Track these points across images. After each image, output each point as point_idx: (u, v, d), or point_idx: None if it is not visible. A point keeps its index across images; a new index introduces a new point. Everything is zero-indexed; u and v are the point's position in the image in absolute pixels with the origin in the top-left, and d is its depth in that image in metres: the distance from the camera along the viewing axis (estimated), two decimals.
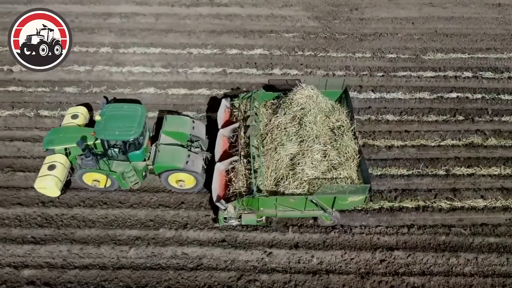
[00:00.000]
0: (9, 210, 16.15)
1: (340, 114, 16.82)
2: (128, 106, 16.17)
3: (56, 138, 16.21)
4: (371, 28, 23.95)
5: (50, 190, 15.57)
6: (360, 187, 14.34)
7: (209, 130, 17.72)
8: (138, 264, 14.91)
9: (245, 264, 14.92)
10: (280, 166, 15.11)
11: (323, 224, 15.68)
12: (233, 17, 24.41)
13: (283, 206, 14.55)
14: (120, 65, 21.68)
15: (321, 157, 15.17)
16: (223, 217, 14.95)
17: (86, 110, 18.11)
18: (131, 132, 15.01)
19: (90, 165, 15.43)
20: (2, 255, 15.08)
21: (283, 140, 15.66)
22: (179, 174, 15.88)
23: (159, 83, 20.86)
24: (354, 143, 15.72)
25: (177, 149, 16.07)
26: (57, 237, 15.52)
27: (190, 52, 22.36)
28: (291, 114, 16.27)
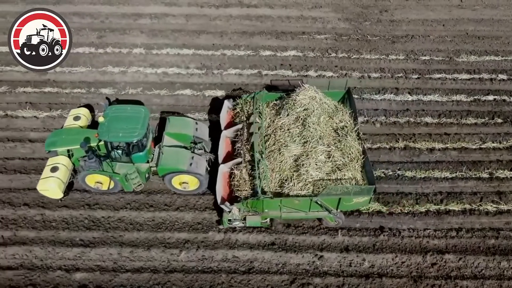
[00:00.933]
0: (55, 213, 16.07)
1: (343, 114, 16.79)
2: (131, 107, 16.07)
3: (59, 140, 16.08)
4: (402, 30, 23.92)
5: (52, 192, 15.48)
6: (365, 188, 14.30)
7: (212, 132, 17.63)
8: (189, 267, 14.86)
9: (297, 268, 14.88)
10: (284, 167, 15.08)
11: (328, 225, 15.67)
12: (263, 19, 24.34)
13: (288, 208, 14.50)
14: (155, 66, 21.57)
15: (325, 158, 15.15)
16: (228, 219, 14.91)
17: (88, 112, 17.96)
18: (134, 133, 14.92)
19: (93, 167, 15.32)
20: (52, 258, 15.00)
21: (287, 141, 15.62)
22: (183, 176, 15.79)
23: (195, 85, 20.78)
24: (358, 143, 15.68)
25: (180, 151, 15.98)
26: (106, 240, 15.44)
27: (224, 53, 22.29)
28: (294, 115, 16.22)
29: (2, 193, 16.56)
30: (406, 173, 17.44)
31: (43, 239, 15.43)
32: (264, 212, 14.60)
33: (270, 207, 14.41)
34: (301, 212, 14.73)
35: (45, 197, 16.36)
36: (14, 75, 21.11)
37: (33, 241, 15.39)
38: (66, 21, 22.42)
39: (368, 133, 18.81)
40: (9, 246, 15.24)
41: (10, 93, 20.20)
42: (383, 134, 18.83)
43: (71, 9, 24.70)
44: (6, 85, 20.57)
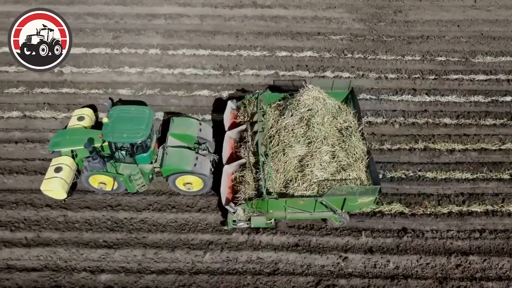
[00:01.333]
0: (78, 214, 16.06)
1: (347, 114, 16.80)
2: (135, 108, 15.98)
3: (63, 140, 16.02)
4: (417, 30, 23.91)
5: (56, 193, 15.44)
6: (370, 188, 14.28)
7: (216, 132, 17.64)
8: (214, 269, 14.85)
9: (322, 269, 14.88)
10: (288, 168, 15.04)
11: (332, 226, 15.68)
12: (278, 19, 24.33)
13: (293, 208, 14.51)
14: (171, 67, 21.54)
15: (330, 158, 15.11)
16: (232, 220, 14.91)
17: (92, 112, 17.88)
18: (139, 134, 14.87)
19: (97, 167, 15.31)
20: (76, 259, 14.99)
21: (291, 141, 15.57)
22: (187, 177, 15.77)
23: (213, 86, 20.75)
24: (362, 143, 15.67)
25: (184, 151, 15.95)
26: (130, 241, 15.43)
27: (240, 54, 22.26)
28: (298, 115, 16.19)
29: (24, 194, 16.53)
30: (427, 174, 17.44)
31: (66, 241, 15.40)
32: (269, 213, 14.61)
33: (275, 207, 14.42)
34: (306, 213, 14.73)
35: (66, 198, 16.31)
36: (31, 75, 21.05)
37: (56, 242, 15.36)
38: (80, 21, 22.65)
39: (387, 134, 18.82)
40: (33, 247, 15.22)
41: (27, 93, 20.16)
42: (402, 135, 18.82)
43: (85, 10, 24.68)
44: (23, 85, 20.51)
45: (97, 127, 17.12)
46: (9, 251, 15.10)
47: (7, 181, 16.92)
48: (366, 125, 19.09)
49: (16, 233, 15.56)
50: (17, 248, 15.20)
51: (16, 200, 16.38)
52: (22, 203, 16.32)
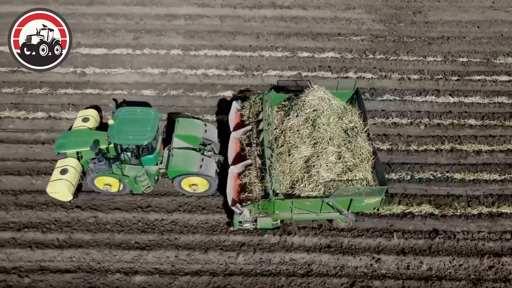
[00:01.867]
0: (108, 215, 16.03)
1: (352, 115, 16.76)
2: (141, 109, 15.91)
3: (68, 142, 15.97)
4: (437, 31, 23.93)
5: (62, 195, 15.43)
6: (376, 189, 14.25)
7: (221, 132, 17.63)
8: (248, 270, 14.84)
9: (355, 270, 14.87)
10: (294, 168, 15.04)
11: (338, 226, 15.67)
12: (298, 20, 24.33)
13: (299, 209, 14.47)
14: (194, 68, 21.52)
15: (336, 159, 15.10)
16: (238, 221, 14.90)
17: (97, 113, 17.89)
18: (145, 136, 14.86)
19: (103, 169, 15.27)
20: (109, 261, 14.96)
21: (297, 142, 15.56)
22: (193, 178, 15.74)
23: (236, 86, 20.73)
24: (368, 144, 15.65)
25: (190, 153, 15.94)
26: (162, 242, 15.42)
27: (262, 54, 22.26)
28: (303, 116, 16.17)
29: None
30: (455, 175, 17.44)
31: (98, 242, 15.37)
32: (275, 214, 14.58)
33: (281, 208, 14.38)
34: (312, 213, 14.70)
35: (96, 199, 16.31)
36: (54, 76, 21.05)
37: (88, 243, 15.34)
38: (100, 22, 22.63)
39: (413, 135, 18.84)
40: (65, 248, 15.20)
41: (51, 94, 20.13)
42: (428, 136, 18.83)
43: (104, 10, 24.64)
44: (47, 86, 20.48)
45: (101, 129, 17.06)
46: (42, 252, 15.08)
47: (36, 182, 16.89)
48: (391, 126, 19.11)
49: (48, 234, 15.53)
50: (50, 249, 15.17)
51: (46, 201, 16.34)
52: (52, 204, 16.29)
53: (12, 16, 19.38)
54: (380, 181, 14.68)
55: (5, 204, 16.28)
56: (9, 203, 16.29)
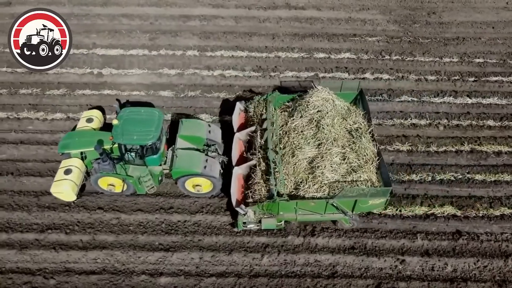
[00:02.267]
0: (131, 217, 16.03)
1: (356, 116, 16.72)
2: (145, 110, 15.95)
3: (72, 142, 15.96)
4: (452, 32, 23.93)
5: (66, 195, 15.41)
6: (381, 190, 14.23)
7: (224, 133, 17.60)
8: (273, 271, 14.83)
9: (380, 272, 14.87)
10: (299, 169, 15.02)
11: (342, 227, 15.66)
12: (313, 21, 24.31)
13: (303, 210, 14.44)
14: (211, 69, 21.50)
15: (340, 160, 15.10)
16: (242, 222, 14.88)
17: (101, 114, 17.85)
18: (149, 136, 14.86)
19: (107, 169, 15.25)
20: (134, 262, 14.95)
21: (301, 143, 15.55)
22: (196, 179, 15.72)
23: (254, 87, 20.71)
24: (372, 145, 15.66)
25: (194, 153, 15.91)
26: (186, 244, 15.42)
27: (278, 55, 22.26)
28: (307, 116, 16.13)
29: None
30: (476, 176, 17.43)
31: (122, 243, 15.37)
32: (279, 215, 14.57)
33: (285, 209, 14.34)
34: (317, 214, 14.68)
35: (119, 200, 16.31)
36: (71, 77, 21.04)
37: (112, 245, 15.33)
38: (115, 22, 22.62)
39: (432, 136, 18.83)
40: (89, 250, 15.19)
41: (69, 95, 20.12)
42: (447, 137, 18.84)
43: (119, 11, 24.62)
44: (64, 87, 20.47)
45: (105, 129, 17.05)
46: (66, 254, 15.07)
47: None
48: (410, 127, 19.11)
49: (72, 236, 15.53)
50: (74, 250, 15.17)
51: (68, 203, 16.28)
52: (75, 205, 16.26)
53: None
54: (385, 182, 14.67)
55: (27, 205, 16.25)
56: (31, 204, 16.28)
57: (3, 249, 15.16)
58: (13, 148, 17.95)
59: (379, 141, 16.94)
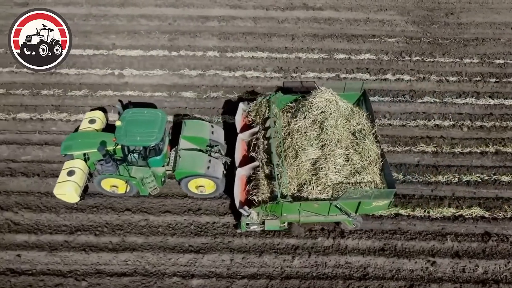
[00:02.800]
0: (159, 218, 16.00)
1: (360, 117, 16.58)
2: (148, 111, 15.81)
3: (75, 143, 15.93)
4: (471, 33, 23.90)
5: (69, 196, 15.38)
6: (385, 192, 14.19)
7: (227, 134, 17.56)
8: (304, 273, 14.82)
9: (411, 274, 14.87)
10: (302, 171, 14.98)
11: (346, 229, 15.65)
12: (331, 21, 24.29)
13: (307, 211, 14.42)
14: (232, 69, 21.47)
15: (344, 161, 15.07)
16: (246, 223, 14.85)
17: (103, 115, 17.80)
18: (152, 137, 14.80)
19: (110, 171, 15.20)
20: (165, 264, 14.94)
21: (304, 144, 15.50)
22: (200, 180, 15.68)
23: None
24: (376, 146, 15.56)
25: (197, 154, 15.88)
26: (216, 246, 15.40)
27: (298, 56, 22.23)
28: (311, 118, 15.99)
29: (103, 198, 16.44)
30: (502, 177, 17.42)
31: (152, 245, 15.36)
32: (283, 216, 14.54)
33: (289, 211, 14.28)
34: (320, 216, 14.66)
35: (146, 201, 16.29)
36: (92, 77, 21.01)
37: (142, 247, 15.31)
38: (134, 23, 22.60)
39: (456, 137, 18.81)
40: (119, 252, 15.16)
41: (91, 96, 20.07)
42: (471, 138, 18.82)
43: (136, 12, 24.57)
44: (86, 88, 20.43)
45: (108, 130, 17.01)
46: (97, 256, 15.05)
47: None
48: (434, 128, 19.10)
49: (101, 238, 15.50)
50: (104, 252, 15.14)
51: (96, 204, 16.31)
52: (102, 207, 16.26)
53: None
54: (389, 183, 14.62)
55: (55, 207, 16.22)
56: (59, 205, 16.22)
57: (33, 251, 15.14)
58: (38, 150, 17.90)
59: (395, 142, 17.56)
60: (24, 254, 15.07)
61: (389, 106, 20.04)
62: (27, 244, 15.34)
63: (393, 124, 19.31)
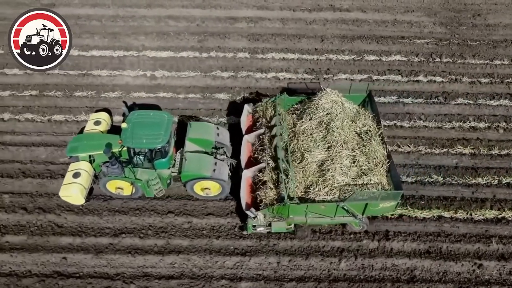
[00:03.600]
0: (203, 221, 15.99)
1: (366, 118, 16.53)
2: (154, 113, 15.85)
3: (80, 145, 15.94)
4: (499, 34, 23.90)
5: (75, 198, 15.35)
6: (392, 193, 14.19)
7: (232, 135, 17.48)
8: (351, 276, 14.82)
9: (458, 276, 14.87)
10: (308, 172, 14.94)
11: (352, 230, 15.61)
12: (359, 23, 24.26)
13: (313, 213, 14.40)
14: (263, 71, 21.43)
15: (350, 163, 15.04)
16: (252, 225, 14.81)
17: (109, 116, 17.80)
18: (158, 140, 14.77)
19: (116, 173, 15.16)
20: (211, 267, 14.93)
21: (310, 146, 15.47)
22: (205, 182, 15.65)
23: (309, 90, 20.58)
24: (382, 147, 15.52)
25: (203, 157, 15.85)
26: (261, 248, 15.38)
27: (329, 58, 22.20)
28: (317, 119, 16.01)
29: (145, 200, 16.40)
30: None
31: (197, 248, 15.33)
32: (289, 218, 14.52)
33: (295, 212, 14.26)
34: (327, 218, 14.64)
35: (188, 204, 16.25)
36: (124, 79, 20.97)
37: (188, 249, 15.30)
38: (162, 24, 22.55)
39: (493, 139, 18.82)
40: (165, 254, 15.12)
41: (125, 98, 20.02)
42: (508, 140, 18.81)
43: (163, 13, 24.52)
44: (119, 89, 20.40)
45: (113, 132, 16.95)
46: (143, 259, 15.01)
47: None
48: (470, 130, 19.10)
49: (146, 240, 15.45)
50: (150, 255, 15.11)
51: (138, 207, 16.26)
52: (145, 209, 16.21)
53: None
54: (396, 185, 14.59)
55: (97, 209, 16.16)
56: (101, 208, 16.19)
57: (79, 254, 15.11)
58: None
59: (431, 143, 17.84)
60: (70, 256, 15.04)
61: (423, 108, 20.01)
62: (72, 247, 15.31)
63: (428, 126, 19.28)
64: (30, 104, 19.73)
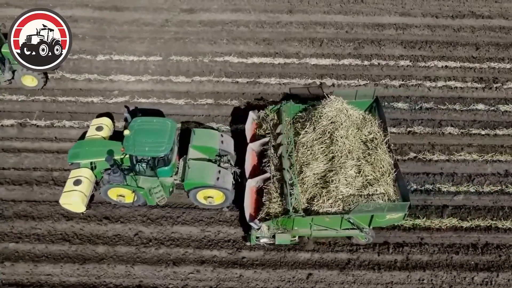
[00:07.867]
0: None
1: (372, 125, 16.17)
2: (157, 120, 15.72)
3: (82, 152, 15.73)
4: None
5: (75, 206, 15.20)
6: (398, 205, 13.91)
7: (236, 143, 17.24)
8: None
9: None
10: (312, 183, 14.72)
11: (358, 243, 15.29)
12: (507, 30, 23.97)
13: (318, 226, 14.16)
14: (432, 80, 21.34)
15: (355, 173, 14.63)
16: (255, 236, 14.58)
17: (111, 122, 17.63)
18: (161, 148, 14.55)
19: (117, 180, 14.92)
20: (461, 283, 14.59)
21: (309, 159, 15.23)
22: (209, 191, 15.43)
23: (482, 100, 20.43)
24: (389, 156, 15.15)
25: (207, 165, 15.57)
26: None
27: (492, 66, 22.00)
28: (321, 128, 15.65)
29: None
30: None
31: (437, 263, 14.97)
32: (294, 230, 14.29)
33: (300, 225, 14.09)
34: (332, 230, 14.42)
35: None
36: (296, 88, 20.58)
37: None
38: (311, 30, 22.39)
39: None
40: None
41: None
42: None
43: (306, 19, 24.20)
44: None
45: (116, 138, 16.60)
46: (390, 275, 14.62)
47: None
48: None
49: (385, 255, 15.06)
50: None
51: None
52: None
53: None
54: (403, 196, 14.26)
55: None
56: None
57: None
58: None
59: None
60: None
61: None
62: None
63: None
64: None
